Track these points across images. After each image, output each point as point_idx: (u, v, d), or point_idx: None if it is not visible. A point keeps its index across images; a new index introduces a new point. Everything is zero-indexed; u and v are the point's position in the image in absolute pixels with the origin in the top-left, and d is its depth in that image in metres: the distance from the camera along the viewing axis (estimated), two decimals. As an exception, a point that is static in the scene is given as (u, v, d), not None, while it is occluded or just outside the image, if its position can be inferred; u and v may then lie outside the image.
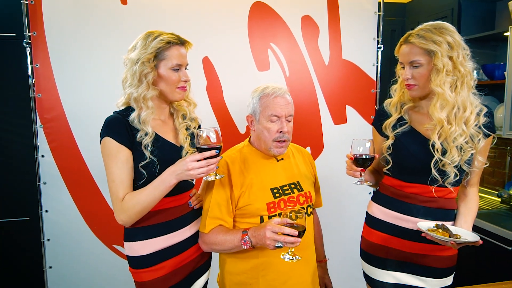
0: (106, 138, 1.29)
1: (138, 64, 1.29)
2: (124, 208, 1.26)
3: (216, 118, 2.47)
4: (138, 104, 1.31)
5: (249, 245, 1.29)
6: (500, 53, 2.82)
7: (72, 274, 2.35)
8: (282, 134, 1.42)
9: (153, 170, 1.31)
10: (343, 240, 2.55)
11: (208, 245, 1.40)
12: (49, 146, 2.25)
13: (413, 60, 1.36)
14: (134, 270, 1.37)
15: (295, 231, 1.18)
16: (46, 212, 2.28)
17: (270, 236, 1.20)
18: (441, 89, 1.31)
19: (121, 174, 1.27)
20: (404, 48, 1.40)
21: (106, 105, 2.24)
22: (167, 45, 1.32)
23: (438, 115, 1.33)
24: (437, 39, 1.31)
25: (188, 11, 2.36)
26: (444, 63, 1.30)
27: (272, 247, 1.21)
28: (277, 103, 1.42)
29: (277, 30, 2.50)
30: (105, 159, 1.31)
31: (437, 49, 1.30)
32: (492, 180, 2.93)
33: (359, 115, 2.70)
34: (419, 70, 1.36)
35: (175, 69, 1.33)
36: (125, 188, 1.28)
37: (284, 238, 1.18)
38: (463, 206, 1.46)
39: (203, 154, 1.21)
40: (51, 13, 2.18)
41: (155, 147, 1.32)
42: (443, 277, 1.47)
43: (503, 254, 2.15)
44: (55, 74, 2.22)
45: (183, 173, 1.22)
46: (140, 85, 1.30)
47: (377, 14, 2.64)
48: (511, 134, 2.34)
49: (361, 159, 1.36)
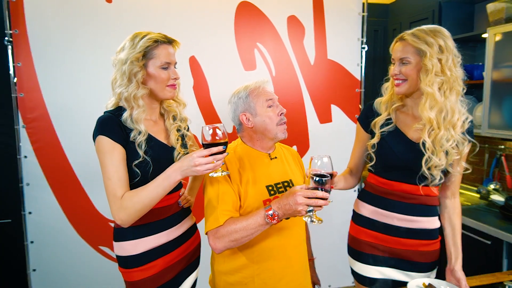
0: (100, 137, 1.27)
1: (127, 64, 1.28)
2: (124, 207, 1.23)
3: (203, 117, 2.47)
4: (129, 103, 1.31)
5: (277, 218, 1.24)
6: (478, 53, 2.91)
7: (56, 276, 2.31)
8: (283, 115, 1.45)
9: (147, 169, 1.31)
10: (330, 237, 2.59)
11: (226, 237, 1.29)
12: (32, 146, 2.21)
13: (403, 57, 1.40)
14: (125, 270, 1.37)
15: (327, 194, 1.19)
16: (30, 213, 2.24)
17: (302, 201, 1.18)
18: (430, 89, 1.34)
19: (117, 171, 1.25)
20: (397, 45, 1.43)
21: (91, 105, 2.23)
22: (155, 44, 1.32)
23: (427, 114, 1.36)
24: (430, 41, 1.34)
25: (175, 10, 2.35)
26: (433, 64, 1.33)
27: (305, 212, 1.21)
28: (267, 91, 1.48)
29: (264, 30, 2.52)
30: (101, 157, 1.28)
31: (427, 49, 1.34)
32: (471, 177, 3.03)
33: (344, 114, 2.75)
34: (407, 67, 1.39)
35: (164, 67, 1.34)
36: (123, 186, 1.26)
37: (317, 201, 1.18)
38: (448, 225, 1.50)
39: (210, 150, 1.19)
40: (33, 11, 2.14)
41: (148, 147, 1.32)
42: (427, 271, 1.52)
43: (482, 248, 2.23)
44: (38, 73, 2.18)
45: (188, 169, 1.21)
46: (129, 85, 1.29)
47: (361, 15, 2.69)
48: (489, 132, 2.43)
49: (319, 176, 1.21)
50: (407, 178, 1.46)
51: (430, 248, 1.50)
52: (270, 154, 1.51)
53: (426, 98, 1.36)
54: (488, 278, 1.51)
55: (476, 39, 2.74)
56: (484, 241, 2.21)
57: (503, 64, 2.33)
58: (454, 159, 1.40)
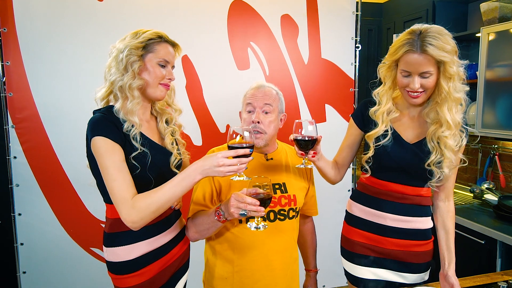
0: (97, 138, 1.19)
1: (125, 51, 1.23)
2: (137, 208, 1.16)
3: (196, 117, 2.44)
4: (123, 93, 1.25)
5: (222, 217, 1.28)
6: (472, 53, 2.91)
7: (47, 279, 2.28)
8: (255, 125, 1.42)
9: (145, 161, 1.25)
10: (325, 237, 2.58)
11: (191, 229, 1.41)
12: (21, 147, 2.17)
13: (425, 71, 1.29)
14: (117, 276, 1.31)
15: (257, 201, 1.19)
16: (19, 215, 2.21)
17: (233, 203, 1.20)
18: (458, 94, 1.33)
19: (121, 172, 1.19)
20: (416, 59, 1.28)
21: (82, 104, 2.20)
22: (159, 39, 1.29)
23: (457, 118, 1.35)
24: (448, 48, 1.27)
25: (167, 8, 2.32)
26: (455, 70, 1.30)
27: (237, 214, 1.21)
28: (253, 94, 1.46)
29: (257, 29, 2.50)
30: (100, 159, 1.20)
31: (449, 58, 1.27)
32: (465, 176, 3.04)
33: (338, 113, 2.73)
34: (429, 80, 1.31)
35: (161, 64, 1.29)
36: (129, 186, 1.19)
37: (246, 206, 1.18)
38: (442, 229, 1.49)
39: (237, 152, 1.15)
40: (22, 9, 2.10)
41: (143, 139, 1.27)
42: (421, 272, 1.51)
43: (476, 247, 2.23)
44: (28, 72, 2.15)
45: (211, 169, 1.15)
46: (125, 73, 1.24)
47: (355, 14, 2.68)
48: (483, 131, 2.43)
49: (303, 141, 1.32)
50: (401, 178, 1.44)
51: (423, 248, 1.49)
52: (267, 155, 1.50)
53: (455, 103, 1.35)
54: (481, 278, 1.50)
55: (470, 38, 2.74)
56: (478, 240, 2.21)
57: (497, 64, 2.33)
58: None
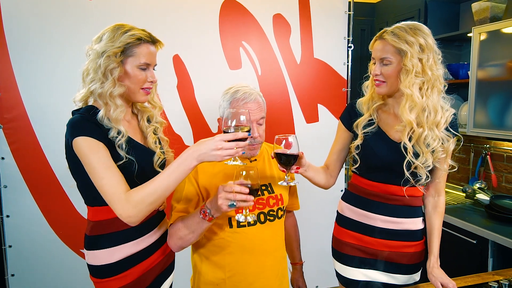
0: (79, 138, 1.15)
1: (103, 58, 1.19)
2: (132, 202, 1.11)
3: (187, 117, 2.42)
4: (103, 101, 1.21)
5: (208, 215, 1.23)
6: (464, 53, 2.93)
7: (36, 282, 2.24)
8: (253, 139, 1.39)
9: (132, 170, 1.22)
10: (317, 238, 2.57)
11: (173, 236, 1.34)
12: (9, 147, 2.13)
13: (383, 57, 1.36)
14: (99, 280, 1.29)
15: (245, 188, 1.15)
16: (7, 217, 2.17)
17: (221, 195, 1.16)
18: (409, 90, 1.31)
19: (109, 168, 1.14)
20: (378, 44, 1.39)
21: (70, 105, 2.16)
22: (137, 42, 1.23)
23: (407, 117, 1.34)
24: (410, 40, 1.31)
25: (158, 7, 2.29)
26: (414, 64, 1.30)
27: (225, 207, 1.17)
28: (248, 107, 1.37)
29: (249, 28, 2.48)
30: (85, 159, 1.14)
31: (408, 49, 1.30)
32: (457, 176, 3.04)
33: (330, 113, 2.73)
34: (388, 68, 1.36)
35: (142, 68, 1.25)
36: (120, 181, 1.14)
37: (235, 195, 1.15)
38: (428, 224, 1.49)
39: (236, 135, 1.11)
40: (10, 8, 2.06)
41: (129, 147, 1.24)
42: (412, 273, 1.50)
43: (468, 247, 2.23)
44: (16, 71, 2.11)
45: (208, 153, 1.11)
46: (105, 81, 1.20)
47: (347, 13, 2.67)
48: (474, 131, 2.43)
49: (285, 157, 1.28)
50: (390, 179, 1.44)
51: (414, 249, 1.49)
52: (250, 157, 1.48)
53: (406, 100, 1.34)
54: (473, 278, 1.50)
55: (462, 38, 2.75)
56: (469, 240, 2.21)
57: (488, 63, 2.34)
58: (440, 157, 1.39)
